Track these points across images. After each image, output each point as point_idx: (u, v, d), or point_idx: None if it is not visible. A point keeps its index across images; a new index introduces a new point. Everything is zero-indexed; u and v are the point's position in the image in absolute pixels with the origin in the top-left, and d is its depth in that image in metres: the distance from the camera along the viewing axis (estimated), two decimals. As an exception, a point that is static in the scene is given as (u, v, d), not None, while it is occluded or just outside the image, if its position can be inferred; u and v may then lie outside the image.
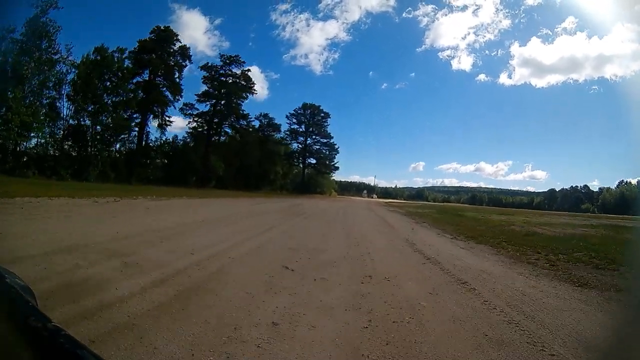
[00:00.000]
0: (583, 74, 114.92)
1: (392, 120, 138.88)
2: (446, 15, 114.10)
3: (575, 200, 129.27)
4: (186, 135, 42.18)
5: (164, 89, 39.54)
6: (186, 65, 40.11)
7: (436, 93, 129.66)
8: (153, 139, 39.74)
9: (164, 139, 39.91)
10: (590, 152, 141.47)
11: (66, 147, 32.40)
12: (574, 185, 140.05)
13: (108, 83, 34.17)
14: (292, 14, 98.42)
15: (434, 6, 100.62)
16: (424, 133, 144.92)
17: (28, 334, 0.58)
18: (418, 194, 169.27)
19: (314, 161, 55.76)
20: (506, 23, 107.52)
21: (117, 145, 36.70)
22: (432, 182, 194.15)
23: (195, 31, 79.39)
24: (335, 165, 56.95)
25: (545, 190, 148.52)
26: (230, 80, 42.62)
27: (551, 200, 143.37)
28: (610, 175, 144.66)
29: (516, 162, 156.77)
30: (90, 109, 31.91)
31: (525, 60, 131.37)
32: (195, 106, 41.78)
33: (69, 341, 0.55)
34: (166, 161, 40.47)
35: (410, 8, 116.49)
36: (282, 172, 62.39)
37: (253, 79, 45.16)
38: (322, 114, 54.49)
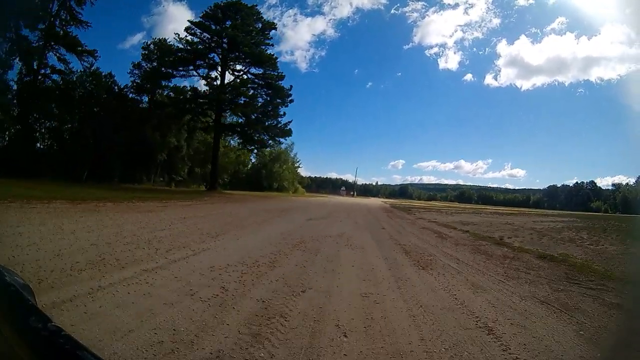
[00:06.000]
0: (569, 75, 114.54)
1: (374, 119, 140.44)
2: (436, 12, 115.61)
3: (582, 198, 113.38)
4: None
5: None
6: None
7: (421, 93, 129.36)
8: None
9: None
10: (569, 152, 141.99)
11: None
12: (578, 182, 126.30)
13: None
14: (280, 8, 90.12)
15: (424, 3, 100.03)
16: (405, 132, 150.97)
17: (28, 334, 0.56)
18: (401, 190, 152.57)
19: (241, 119, 26.99)
20: (496, 22, 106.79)
21: None
22: (410, 179, 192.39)
23: (181, 25, 59.91)
24: (285, 127, 28.26)
25: (546, 187, 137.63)
26: None
27: (551, 197, 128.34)
28: (587, 174, 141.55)
29: (496, 161, 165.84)
30: None
31: (512, 60, 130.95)
32: None
33: (69, 342, 0.53)
34: None
35: (398, 4, 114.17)
36: (190, 149, 34.07)
37: None
38: (261, 24, 26.53)
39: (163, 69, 27.96)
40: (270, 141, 27.94)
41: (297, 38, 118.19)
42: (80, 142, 29.19)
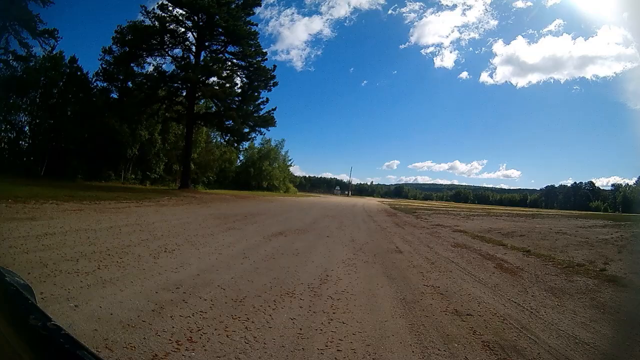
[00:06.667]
0: (565, 73, 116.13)
1: (370, 117, 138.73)
2: (434, 13, 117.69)
3: (580, 197, 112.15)
4: None
5: None
6: None
7: (416, 91, 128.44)
8: None
9: None
10: (564, 153, 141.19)
11: None
12: (576, 182, 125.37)
13: None
14: (277, 7, 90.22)
15: (422, 4, 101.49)
16: (400, 131, 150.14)
17: (28, 333, 0.56)
18: (396, 190, 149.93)
19: (218, 105, 22.99)
20: (493, 23, 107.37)
21: None
22: (405, 179, 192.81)
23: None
24: (269, 114, 24.22)
25: (543, 187, 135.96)
26: None
27: (549, 197, 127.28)
28: (583, 175, 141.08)
29: (491, 161, 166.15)
30: None
31: (508, 58, 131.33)
32: None
33: (69, 341, 0.53)
34: None
35: (396, 5, 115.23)
36: (167, 144, 30.26)
37: None
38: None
39: (134, 50, 24.20)
40: (252, 133, 24.15)
41: (294, 37, 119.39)
42: (37, 134, 25.37)
